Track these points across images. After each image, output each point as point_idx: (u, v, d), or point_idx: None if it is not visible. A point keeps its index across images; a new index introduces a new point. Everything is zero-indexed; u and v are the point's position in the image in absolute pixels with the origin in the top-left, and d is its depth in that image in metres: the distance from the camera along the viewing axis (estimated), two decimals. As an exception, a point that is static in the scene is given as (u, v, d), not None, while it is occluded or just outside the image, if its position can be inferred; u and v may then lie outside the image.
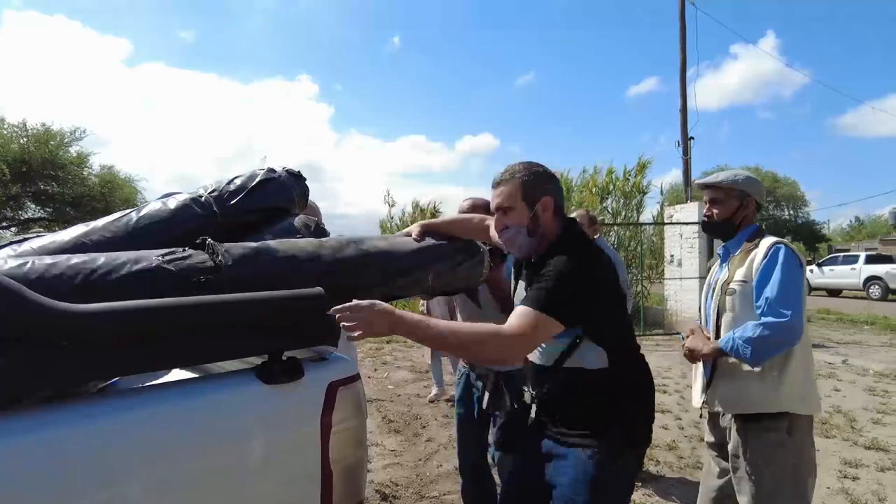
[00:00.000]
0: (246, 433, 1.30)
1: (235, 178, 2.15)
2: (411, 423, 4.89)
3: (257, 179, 2.13)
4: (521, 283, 1.76)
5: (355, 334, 1.44)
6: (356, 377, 1.56)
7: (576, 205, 11.69)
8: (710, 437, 2.25)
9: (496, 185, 1.69)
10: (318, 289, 1.59)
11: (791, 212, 42.39)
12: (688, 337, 2.22)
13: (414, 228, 2.05)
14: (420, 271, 1.94)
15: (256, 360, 1.46)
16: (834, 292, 19.97)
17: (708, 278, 2.33)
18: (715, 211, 2.21)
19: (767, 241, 2.05)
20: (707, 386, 2.15)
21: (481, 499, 2.64)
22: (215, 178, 2.18)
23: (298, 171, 2.32)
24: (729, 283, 2.09)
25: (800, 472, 1.98)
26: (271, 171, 2.25)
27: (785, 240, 2.07)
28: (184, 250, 1.55)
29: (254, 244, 1.69)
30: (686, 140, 11.16)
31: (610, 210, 12.03)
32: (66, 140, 24.37)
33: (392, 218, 15.66)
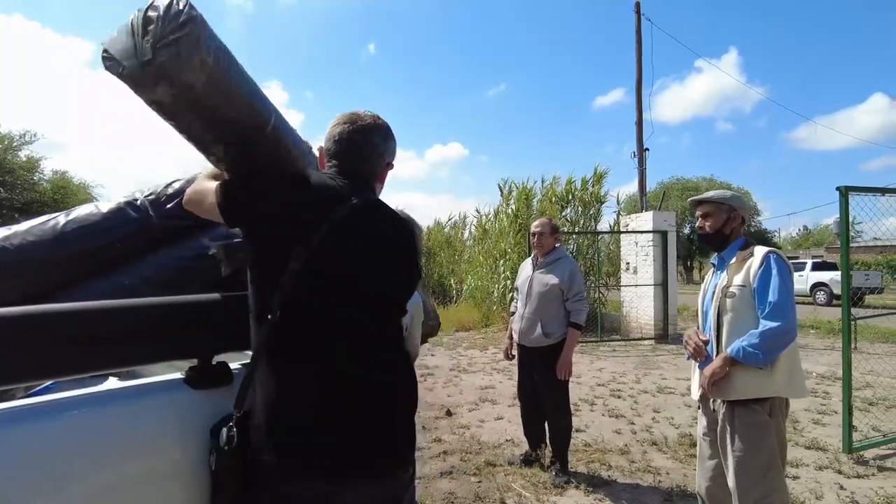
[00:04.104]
0: (172, 439, 1.26)
1: (175, 181, 2.10)
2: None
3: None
4: None
5: None
6: None
7: (537, 213, 11.85)
8: (702, 422, 2.47)
9: None
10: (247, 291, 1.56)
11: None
12: (688, 342, 2.45)
13: None
14: None
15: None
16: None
17: (703, 285, 2.57)
18: (707, 223, 2.47)
19: (762, 250, 2.31)
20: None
21: None
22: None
23: None
24: (728, 287, 2.32)
25: (776, 451, 2.21)
26: None
27: (775, 248, 2.34)
28: None
29: None
30: (641, 151, 11.49)
31: (569, 219, 12.22)
32: (14, 144, 23.43)
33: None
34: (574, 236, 11.68)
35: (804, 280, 19.80)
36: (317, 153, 1.51)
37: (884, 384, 6.19)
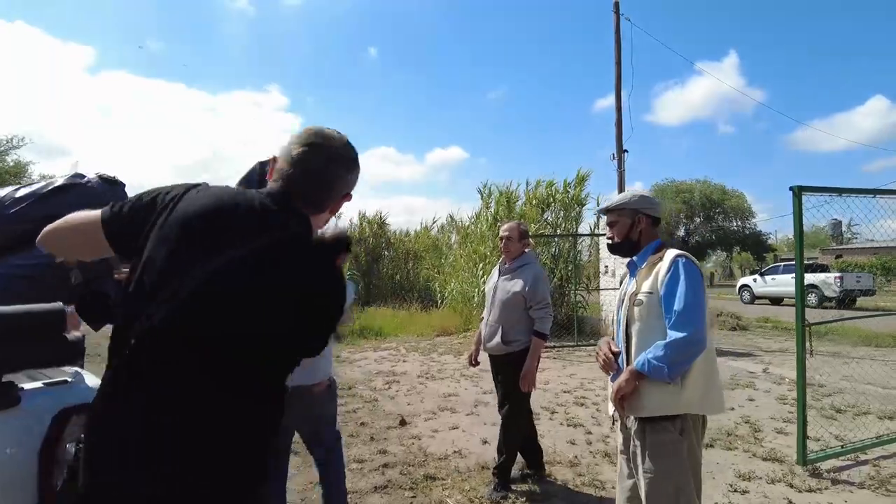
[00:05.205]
0: None
1: (30, 183, 1.96)
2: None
3: (53, 185, 1.95)
4: None
5: None
6: None
7: (518, 216, 11.69)
8: (618, 438, 2.34)
9: None
10: (58, 304, 1.41)
11: (738, 223, 43.82)
12: (598, 353, 2.32)
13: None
14: None
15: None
16: (776, 300, 20.51)
17: (619, 292, 2.42)
18: (614, 232, 2.38)
19: (670, 254, 2.16)
20: None
21: None
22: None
23: (114, 177, 2.14)
24: (636, 295, 2.17)
25: (689, 472, 2.07)
26: (78, 176, 2.07)
27: (685, 252, 2.19)
28: None
29: None
30: (620, 153, 11.37)
31: (549, 222, 12.07)
32: (2, 148, 23.32)
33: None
34: (556, 240, 11.53)
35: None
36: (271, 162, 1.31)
37: (857, 389, 6.04)
